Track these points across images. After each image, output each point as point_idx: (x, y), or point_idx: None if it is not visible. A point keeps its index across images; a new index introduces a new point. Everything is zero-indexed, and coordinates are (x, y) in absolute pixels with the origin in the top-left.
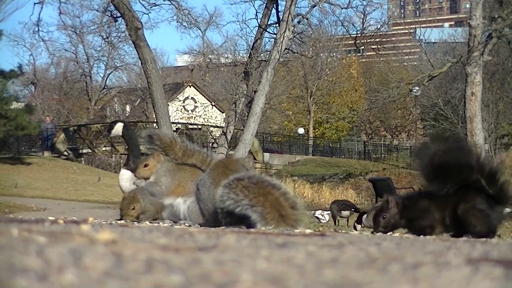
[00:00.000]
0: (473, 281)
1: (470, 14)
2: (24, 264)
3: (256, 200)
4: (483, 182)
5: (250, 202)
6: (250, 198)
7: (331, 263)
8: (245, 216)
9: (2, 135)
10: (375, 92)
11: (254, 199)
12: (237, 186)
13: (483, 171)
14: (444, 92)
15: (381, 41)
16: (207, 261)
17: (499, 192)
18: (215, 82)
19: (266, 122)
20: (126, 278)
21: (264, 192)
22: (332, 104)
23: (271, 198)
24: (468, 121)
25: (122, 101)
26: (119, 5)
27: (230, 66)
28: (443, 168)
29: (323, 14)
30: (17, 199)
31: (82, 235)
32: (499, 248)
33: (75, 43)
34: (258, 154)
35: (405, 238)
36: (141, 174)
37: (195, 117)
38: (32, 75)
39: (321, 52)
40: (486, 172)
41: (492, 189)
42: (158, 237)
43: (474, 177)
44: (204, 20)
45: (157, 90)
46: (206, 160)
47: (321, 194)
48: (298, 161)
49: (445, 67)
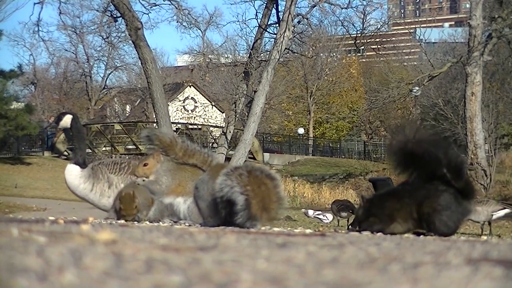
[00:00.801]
0: (473, 281)
1: (470, 14)
2: (24, 264)
3: (246, 188)
4: (449, 176)
5: (240, 188)
6: (241, 185)
7: (331, 263)
8: (234, 202)
9: (2, 135)
10: (375, 92)
11: (244, 186)
12: (233, 173)
13: (450, 166)
14: (444, 92)
15: (381, 41)
16: (207, 261)
17: (465, 186)
18: (215, 82)
19: (266, 122)
20: (126, 278)
21: (257, 182)
22: (332, 104)
23: (263, 188)
24: (468, 121)
25: (122, 101)
26: (119, 5)
27: (230, 66)
28: (413, 157)
29: (323, 14)
30: (17, 199)
31: (82, 235)
32: (499, 248)
33: (75, 43)
34: (258, 154)
35: (405, 238)
36: (141, 173)
37: (195, 117)
38: (32, 75)
39: (321, 52)
40: (452, 166)
41: (458, 184)
42: (158, 237)
43: (440, 171)
44: (204, 20)
45: (157, 90)
46: (206, 160)
47: (321, 194)
48: (298, 161)
49: (445, 67)
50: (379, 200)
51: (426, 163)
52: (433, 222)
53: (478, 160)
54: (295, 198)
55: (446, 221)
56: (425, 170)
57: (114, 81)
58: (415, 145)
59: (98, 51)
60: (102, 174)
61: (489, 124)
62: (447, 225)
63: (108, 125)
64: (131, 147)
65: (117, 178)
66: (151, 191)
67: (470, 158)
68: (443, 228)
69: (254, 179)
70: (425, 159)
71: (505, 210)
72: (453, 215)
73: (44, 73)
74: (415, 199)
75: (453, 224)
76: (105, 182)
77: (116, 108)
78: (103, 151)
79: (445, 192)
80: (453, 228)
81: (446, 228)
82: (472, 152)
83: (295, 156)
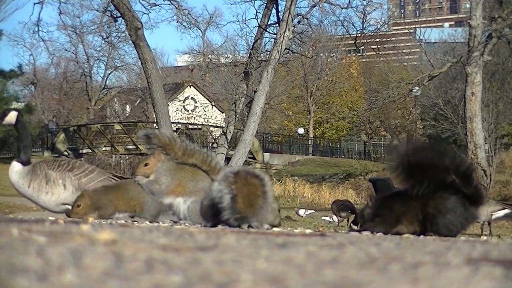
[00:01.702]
0: (473, 281)
1: (470, 14)
2: (24, 264)
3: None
4: (459, 183)
5: (227, 189)
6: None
7: (331, 263)
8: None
9: (2, 135)
10: (375, 92)
11: (230, 186)
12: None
13: (458, 172)
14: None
15: (381, 41)
16: (207, 261)
17: (474, 192)
18: (215, 82)
19: (266, 122)
20: (126, 278)
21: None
22: (332, 104)
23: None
24: (468, 121)
25: (122, 101)
26: (119, 5)
27: (230, 66)
28: (417, 168)
29: (323, 14)
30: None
31: (82, 235)
32: (499, 248)
33: (75, 43)
34: (258, 154)
35: (405, 238)
36: (142, 173)
37: (195, 117)
38: (32, 75)
39: (321, 52)
40: (461, 172)
41: (468, 190)
42: (158, 237)
43: (450, 178)
44: (204, 20)
45: (157, 90)
46: (206, 160)
47: (321, 194)
48: (298, 161)
49: (445, 67)
50: (386, 202)
51: (434, 171)
52: (437, 223)
53: (478, 160)
54: (295, 198)
55: (449, 224)
56: (433, 179)
57: (114, 81)
58: (415, 156)
59: (98, 51)
60: (40, 170)
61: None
62: (450, 229)
63: (108, 125)
64: (131, 147)
65: (55, 174)
66: (151, 191)
67: (470, 158)
68: (446, 231)
69: (240, 179)
70: (431, 168)
71: (505, 210)
72: (458, 219)
73: (44, 73)
74: (421, 200)
75: (456, 228)
76: (42, 178)
77: (116, 108)
78: (103, 151)
79: (453, 196)
80: (455, 232)
81: (448, 231)
82: (472, 152)
83: (295, 156)
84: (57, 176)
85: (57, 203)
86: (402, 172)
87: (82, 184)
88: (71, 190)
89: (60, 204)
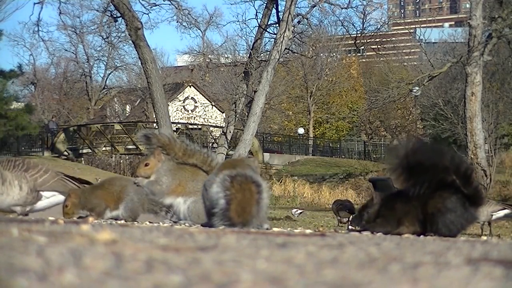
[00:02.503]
0: (473, 281)
1: (470, 14)
2: (24, 264)
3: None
4: (459, 183)
5: (224, 193)
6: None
7: (331, 263)
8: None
9: (2, 135)
10: (375, 92)
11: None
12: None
13: (458, 172)
14: (444, 92)
15: (381, 41)
16: (207, 261)
17: (474, 192)
18: (215, 82)
19: (266, 122)
20: (126, 278)
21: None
22: (332, 104)
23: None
24: (468, 121)
25: (122, 101)
26: (119, 5)
27: (230, 66)
28: (418, 168)
29: (323, 14)
30: None
31: (82, 235)
32: (499, 248)
33: (75, 43)
34: (258, 154)
35: (405, 238)
36: (142, 173)
37: (195, 117)
38: (32, 75)
39: (321, 52)
40: (461, 172)
41: (468, 190)
42: (158, 237)
43: (450, 178)
44: (204, 20)
45: (157, 90)
46: (206, 160)
47: (321, 194)
48: (298, 161)
49: (445, 67)
50: (387, 202)
51: (434, 172)
52: (436, 223)
53: (478, 160)
54: (295, 198)
55: (449, 224)
56: (433, 179)
57: (114, 81)
58: (417, 156)
59: (98, 51)
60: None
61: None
62: (450, 228)
63: (108, 125)
64: (131, 147)
65: (11, 174)
66: (152, 191)
67: (470, 158)
68: (445, 230)
69: (236, 184)
70: (431, 168)
71: (505, 210)
72: (458, 219)
73: (44, 73)
74: (421, 200)
75: (456, 228)
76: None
77: (116, 108)
78: (103, 151)
79: (453, 195)
80: (455, 232)
81: (448, 231)
82: (472, 152)
83: (295, 156)
84: (13, 177)
85: (10, 204)
86: (402, 172)
87: (37, 185)
88: (27, 191)
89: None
